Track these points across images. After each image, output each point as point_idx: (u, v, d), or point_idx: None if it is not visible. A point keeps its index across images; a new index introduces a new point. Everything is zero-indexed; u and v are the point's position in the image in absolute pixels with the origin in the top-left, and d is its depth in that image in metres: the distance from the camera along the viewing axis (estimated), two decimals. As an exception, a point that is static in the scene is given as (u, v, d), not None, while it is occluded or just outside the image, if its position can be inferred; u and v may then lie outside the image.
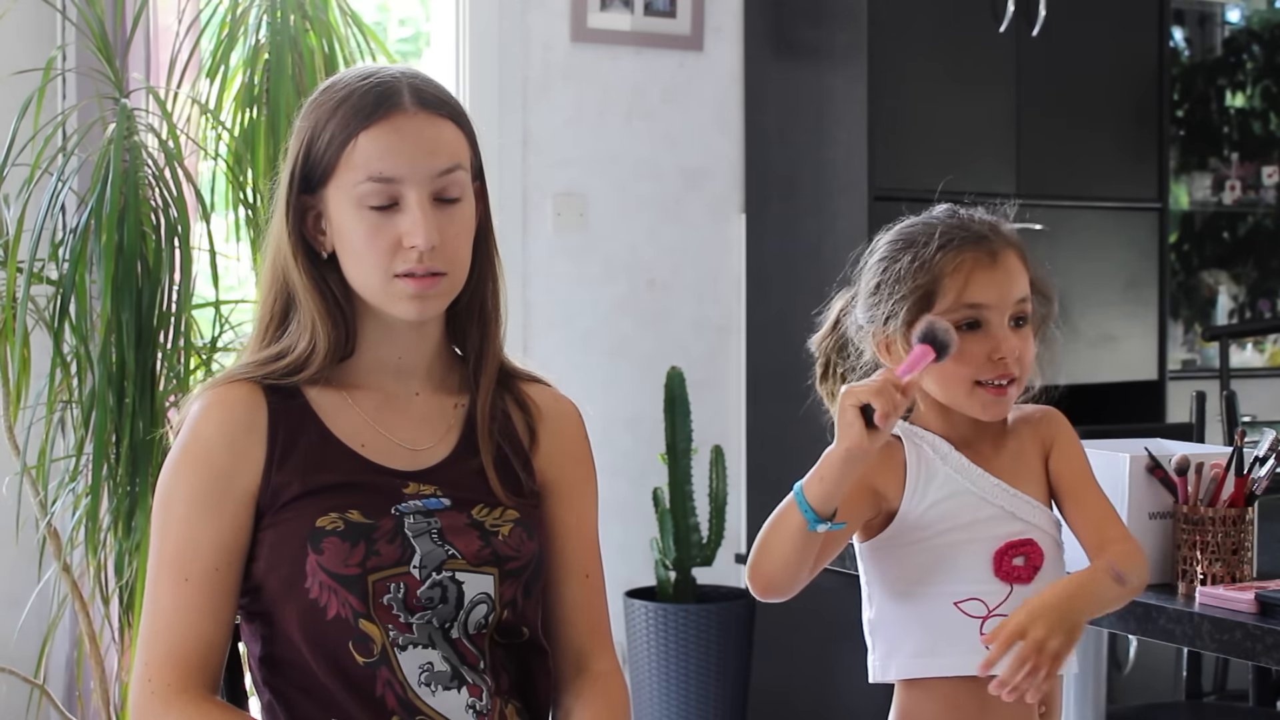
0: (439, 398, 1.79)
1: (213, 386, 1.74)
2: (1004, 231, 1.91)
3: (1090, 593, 1.79)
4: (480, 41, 3.99)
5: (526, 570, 1.74)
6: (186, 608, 1.67)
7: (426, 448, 1.75)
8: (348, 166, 1.68)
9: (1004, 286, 1.87)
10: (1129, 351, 4.37)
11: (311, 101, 1.74)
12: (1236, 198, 5.37)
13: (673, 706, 3.85)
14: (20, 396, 2.91)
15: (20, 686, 3.20)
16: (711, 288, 4.32)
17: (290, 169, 1.73)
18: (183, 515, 1.68)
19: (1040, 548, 1.87)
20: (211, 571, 1.67)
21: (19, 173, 2.94)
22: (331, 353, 1.72)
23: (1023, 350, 1.87)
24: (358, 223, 1.68)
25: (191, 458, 1.70)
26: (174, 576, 1.67)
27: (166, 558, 1.68)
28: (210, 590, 1.68)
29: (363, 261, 1.69)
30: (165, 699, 1.65)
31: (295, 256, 1.72)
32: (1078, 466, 1.92)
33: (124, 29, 3.16)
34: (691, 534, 3.95)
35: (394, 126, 1.68)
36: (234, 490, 1.69)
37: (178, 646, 1.66)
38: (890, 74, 3.97)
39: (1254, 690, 3.06)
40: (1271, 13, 5.57)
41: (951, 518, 1.87)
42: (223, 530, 1.68)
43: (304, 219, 1.73)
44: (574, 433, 1.85)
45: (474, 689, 1.69)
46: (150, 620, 1.68)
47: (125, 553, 2.90)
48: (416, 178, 1.68)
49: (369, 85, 1.70)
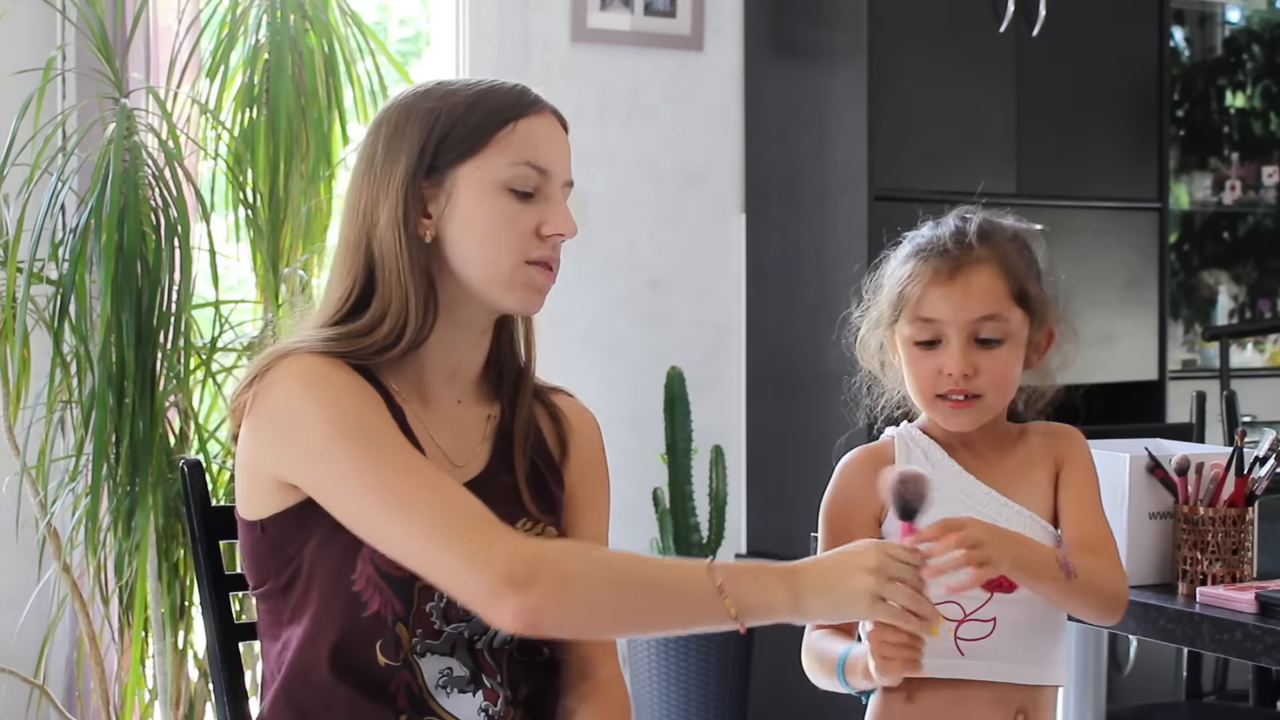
0: (476, 408, 1.79)
1: (292, 353, 1.67)
2: (978, 245, 1.87)
3: (1035, 553, 1.78)
4: (480, 41, 3.99)
5: None
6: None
7: (464, 461, 1.74)
8: (502, 147, 1.69)
9: (960, 303, 1.85)
10: (1129, 351, 4.37)
11: (424, 93, 1.72)
12: (1236, 198, 5.36)
13: (673, 707, 3.85)
14: (20, 396, 2.91)
15: (20, 686, 3.20)
16: (711, 288, 4.32)
17: (419, 148, 1.69)
18: (377, 440, 1.62)
19: None
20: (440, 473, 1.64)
21: (19, 173, 2.94)
22: (416, 336, 1.69)
23: (987, 368, 1.85)
24: (496, 205, 1.69)
25: (339, 389, 1.64)
26: (414, 463, 1.62)
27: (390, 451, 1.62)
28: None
29: (497, 243, 1.69)
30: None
31: (401, 239, 1.68)
32: (1078, 491, 1.90)
33: (124, 29, 3.15)
34: (691, 534, 3.95)
35: (547, 123, 1.74)
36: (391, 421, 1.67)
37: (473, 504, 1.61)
38: (890, 74, 3.97)
39: (1254, 690, 3.06)
40: (1271, 13, 5.57)
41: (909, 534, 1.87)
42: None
43: (412, 200, 1.70)
44: (595, 445, 1.85)
45: (490, 693, 1.70)
46: (429, 510, 1.59)
47: (125, 553, 2.90)
48: (558, 175, 1.74)
49: (508, 83, 1.74)
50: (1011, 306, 1.87)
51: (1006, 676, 1.87)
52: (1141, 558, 2.07)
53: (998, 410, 1.90)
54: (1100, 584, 1.83)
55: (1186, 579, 2.04)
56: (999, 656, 1.86)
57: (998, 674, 1.86)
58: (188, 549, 2.78)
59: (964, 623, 1.86)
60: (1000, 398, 1.88)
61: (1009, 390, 1.89)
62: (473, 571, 1.56)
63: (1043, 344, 1.92)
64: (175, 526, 2.93)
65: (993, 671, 1.86)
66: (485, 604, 1.57)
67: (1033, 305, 1.89)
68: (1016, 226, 1.94)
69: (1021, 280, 1.88)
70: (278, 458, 1.66)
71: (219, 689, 1.82)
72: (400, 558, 1.61)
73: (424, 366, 1.74)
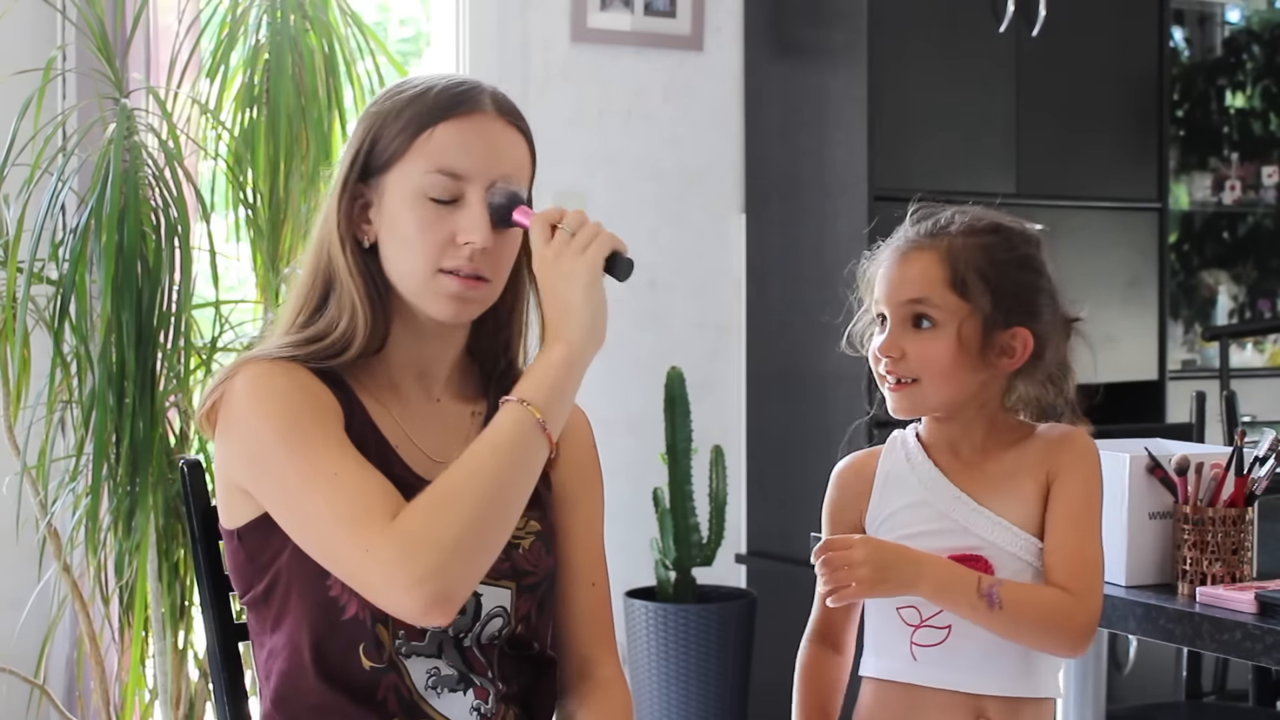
0: (457, 405, 1.79)
1: (251, 361, 1.69)
2: (932, 234, 1.86)
3: (942, 577, 1.76)
4: (480, 41, 3.99)
5: (542, 585, 1.75)
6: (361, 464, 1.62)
7: (446, 458, 1.73)
8: (419, 154, 1.68)
9: (896, 286, 1.85)
10: (1129, 351, 4.37)
11: (385, 92, 1.74)
12: (1236, 198, 5.37)
13: (673, 706, 3.85)
14: (20, 396, 2.91)
15: (20, 686, 3.20)
16: (711, 288, 4.32)
17: (354, 152, 1.71)
18: (298, 448, 1.62)
19: (990, 565, 1.82)
20: (352, 459, 1.63)
21: (19, 173, 2.94)
22: (368, 338, 1.70)
23: (914, 352, 1.83)
24: (415, 212, 1.68)
25: (283, 400, 1.64)
26: (321, 481, 1.60)
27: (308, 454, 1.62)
28: (362, 462, 1.63)
29: (412, 251, 1.68)
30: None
31: (342, 240, 1.70)
32: (1064, 509, 1.83)
33: (124, 29, 3.15)
34: (691, 534, 3.95)
35: (473, 125, 1.69)
36: (337, 422, 1.66)
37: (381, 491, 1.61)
38: (890, 74, 3.97)
39: (1254, 690, 3.06)
40: (1271, 13, 5.57)
41: (903, 527, 1.87)
42: (342, 441, 1.64)
43: (354, 205, 1.72)
44: (585, 442, 1.85)
45: (480, 691, 1.69)
46: (333, 501, 1.60)
47: (125, 553, 2.90)
48: (483, 179, 1.68)
49: (452, 82, 1.71)
50: (946, 293, 1.83)
51: (960, 685, 1.83)
52: (1141, 558, 2.07)
53: (939, 400, 1.86)
54: (1040, 617, 1.77)
55: (1186, 579, 2.04)
56: (953, 664, 1.84)
57: (951, 681, 1.84)
58: (188, 549, 2.78)
59: (920, 628, 1.85)
60: (938, 386, 1.84)
61: (947, 379, 1.84)
62: (367, 575, 1.57)
63: (1017, 349, 1.86)
64: (175, 526, 2.93)
65: (946, 679, 1.84)
66: (390, 606, 1.58)
67: (973, 296, 1.83)
68: (1002, 223, 1.90)
69: (964, 270, 1.84)
70: (235, 467, 1.69)
71: (219, 689, 1.82)
72: (323, 565, 1.63)
73: (391, 366, 1.75)
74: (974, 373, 1.85)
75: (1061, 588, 1.79)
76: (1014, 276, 1.86)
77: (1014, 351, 1.86)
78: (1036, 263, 1.89)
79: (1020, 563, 1.83)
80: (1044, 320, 1.87)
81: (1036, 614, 1.77)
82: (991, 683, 1.83)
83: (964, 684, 1.83)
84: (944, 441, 1.91)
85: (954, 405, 1.87)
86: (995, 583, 1.77)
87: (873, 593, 1.77)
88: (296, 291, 1.75)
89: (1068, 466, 1.85)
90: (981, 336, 1.84)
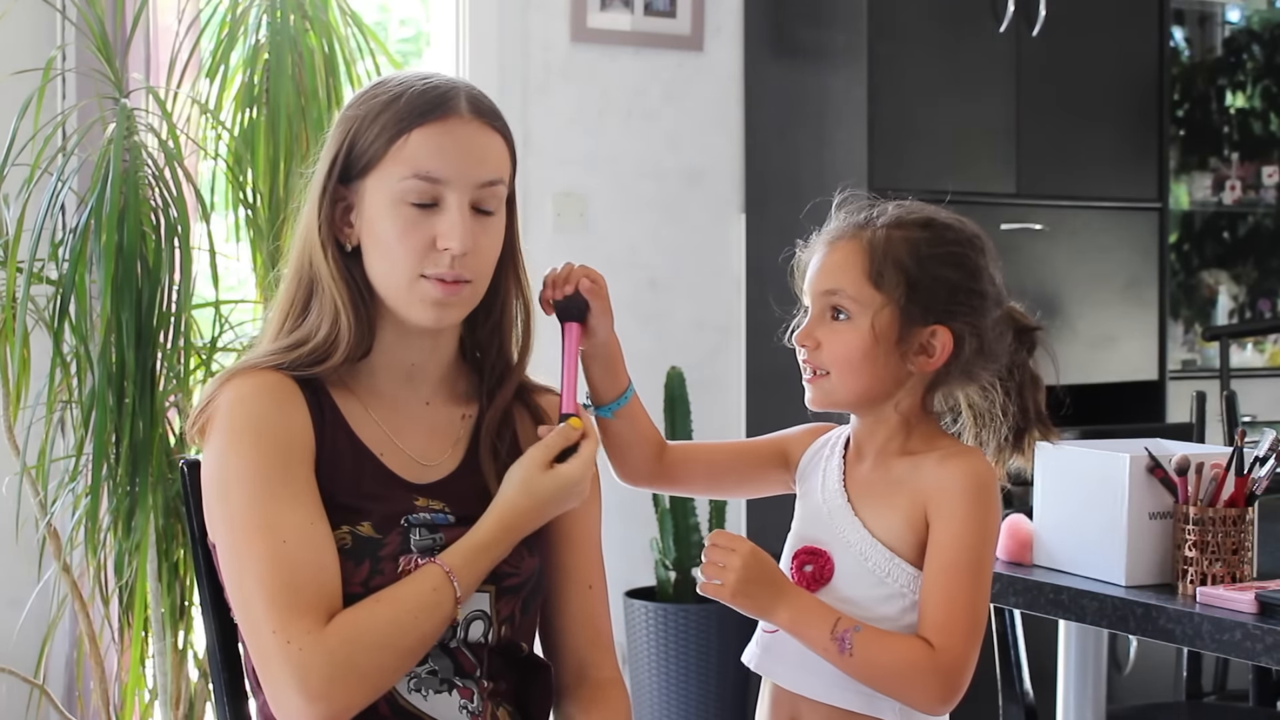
0: (449, 408, 1.79)
1: (238, 374, 1.70)
2: (858, 226, 1.82)
3: (799, 610, 1.70)
4: (480, 41, 3.99)
5: (525, 587, 1.74)
6: (305, 541, 1.63)
7: (435, 461, 1.74)
8: (395, 160, 1.67)
9: (817, 276, 1.83)
10: (1129, 351, 4.37)
11: (361, 94, 1.73)
12: (1236, 198, 5.36)
13: (673, 706, 3.85)
14: (20, 396, 2.91)
15: (20, 686, 3.20)
16: (711, 288, 4.32)
17: (332, 156, 1.71)
18: (259, 493, 1.64)
19: (832, 561, 1.76)
20: (307, 525, 1.64)
21: (19, 173, 2.94)
22: (353, 344, 1.69)
23: (827, 343, 1.78)
24: (394, 218, 1.67)
25: (255, 435, 1.65)
26: (269, 539, 1.62)
27: (252, 527, 1.63)
28: (315, 534, 1.65)
29: (392, 257, 1.68)
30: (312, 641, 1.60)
31: (324, 244, 1.70)
32: (934, 548, 1.72)
33: (124, 29, 3.15)
34: (691, 534, 3.95)
35: (448, 128, 1.68)
36: (305, 460, 1.67)
37: (305, 583, 1.62)
38: (890, 74, 3.97)
39: (1254, 690, 3.06)
40: (1271, 13, 5.57)
41: (795, 514, 1.85)
42: (303, 495, 1.65)
43: (334, 209, 1.72)
44: None
45: (465, 691, 1.69)
46: (258, 579, 1.62)
47: (125, 553, 2.90)
48: (461, 183, 1.68)
49: (427, 85, 1.70)
50: (862, 284, 1.77)
51: (781, 680, 1.79)
52: (1141, 558, 2.07)
53: (847, 394, 1.79)
54: (893, 670, 1.69)
55: (1186, 579, 2.04)
56: (778, 658, 1.79)
57: (776, 675, 1.80)
58: (188, 549, 2.77)
59: None
60: (845, 380, 1.77)
61: (855, 373, 1.77)
62: (279, 665, 1.59)
63: (936, 348, 1.76)
64: (175, 526, 2.93)
65: (773, 671, 1.80)
66: (283, 701, 1.60)
67: (888, 289, 1.76)
68: (935, 219, 1.81)
69: (882, 262, 1.77)
70: (205, 484, 1.71)
71: (219, 689, 1.82)
72: (236, 617, 1.68)
73: (376, 370, 1.74)
74: (886, 369, 1.77)
75: (925, 641, 1.69)
76: (935, 272, 1.76)
77: (933, 350, 1.76)
78: (967, 261, 1.78)
79: (872, 578, 1.74)
80: (964, 319, 1.76)
81: (890, 667, 1.68)
82: (805, 684, 1.77)
83: (784, 680, 1.79)
84: (865, 438, 1.84)
85: (863, 401, 1.79)
86: (852, 627, 1.68)
87: (732, 602, 1.71)
88: (281, 296, 1.75)
89: (945, 504, 1.72)
90: (898, 331, 1.76)
